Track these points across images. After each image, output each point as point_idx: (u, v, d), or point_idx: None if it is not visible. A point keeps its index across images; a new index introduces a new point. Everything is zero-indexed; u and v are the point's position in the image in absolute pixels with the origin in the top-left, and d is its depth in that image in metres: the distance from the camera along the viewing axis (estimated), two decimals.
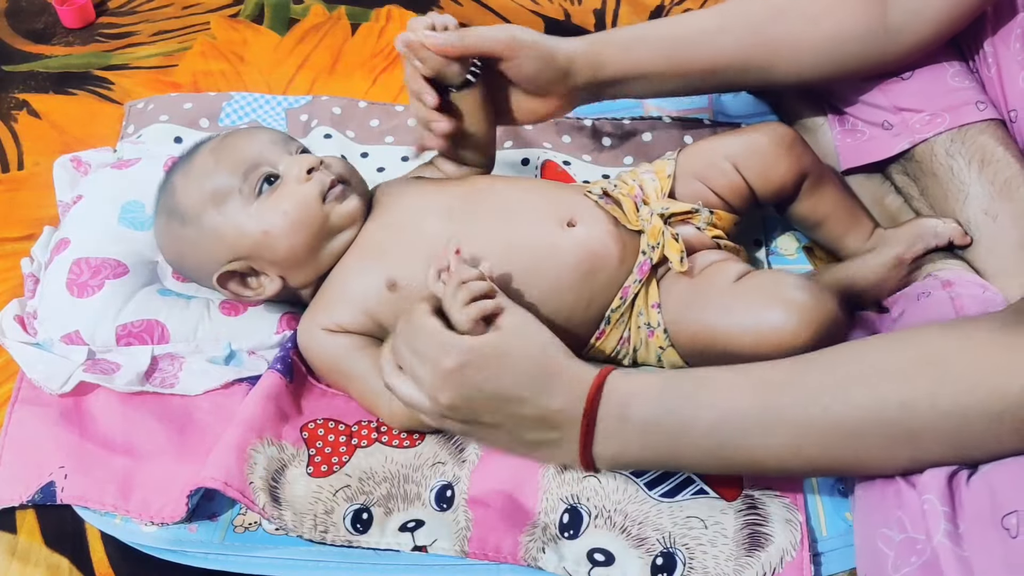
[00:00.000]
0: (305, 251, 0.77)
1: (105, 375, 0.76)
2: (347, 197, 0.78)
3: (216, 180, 0.77)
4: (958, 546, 0.56)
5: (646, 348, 0.77)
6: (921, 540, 0.59)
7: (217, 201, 0.77)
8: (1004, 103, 0.84)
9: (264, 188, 0.77)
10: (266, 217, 0.76)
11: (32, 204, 0.97)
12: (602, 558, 0.67)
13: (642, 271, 0.76)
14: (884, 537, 0.62)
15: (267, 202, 0.76)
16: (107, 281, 0.81)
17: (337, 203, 0.77)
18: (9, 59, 1.14)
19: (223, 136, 0.81)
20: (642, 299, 0.76)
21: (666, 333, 0.76)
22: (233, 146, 0.79)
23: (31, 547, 0.71)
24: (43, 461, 0.73)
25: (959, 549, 0.56)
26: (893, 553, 0.61)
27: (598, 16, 1.22)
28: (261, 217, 0.76)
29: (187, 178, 0.79)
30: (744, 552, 0.67)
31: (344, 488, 0.71)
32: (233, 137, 0.81)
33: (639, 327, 0.77)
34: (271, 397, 0.74)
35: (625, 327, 0.77)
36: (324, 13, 1.22)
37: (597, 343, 0.78)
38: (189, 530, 0.71)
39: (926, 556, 0.58)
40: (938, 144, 0.84)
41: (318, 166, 0.77)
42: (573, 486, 0.70)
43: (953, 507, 0.58)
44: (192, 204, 0.78)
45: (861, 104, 0.90)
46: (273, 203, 0.76)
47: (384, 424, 0.75)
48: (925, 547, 0.58)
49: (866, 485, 0.66)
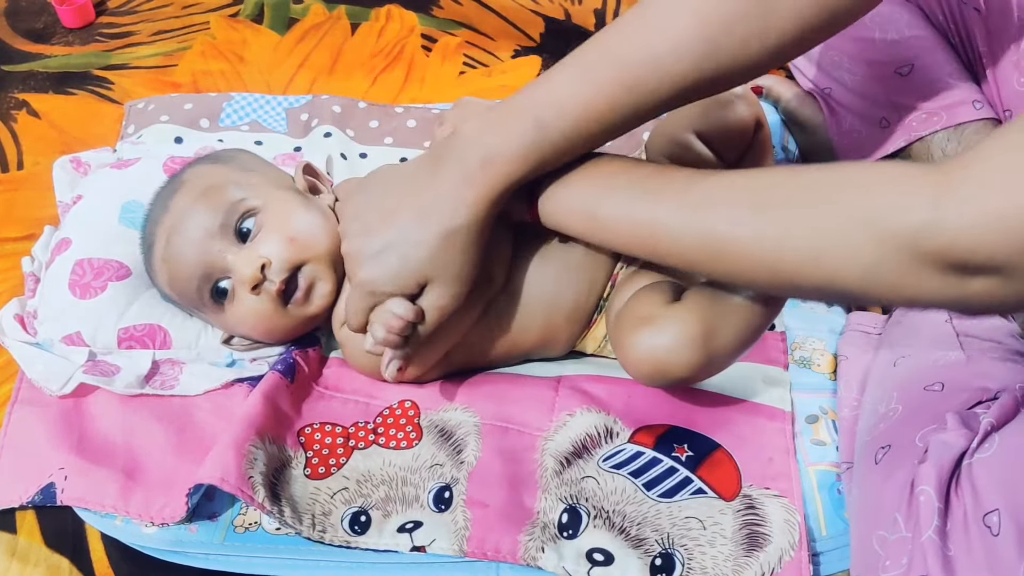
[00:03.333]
0: (293, 335, 0.79)
1: (105, 377, 0.76)
2: (311, 296, 0.75)
3: (180, 294, 0.77)
4: (944, 544, 0.57)
5: None
6: (910, 539, 0.59)
7: (194, 307, 0.78)
8: (999, 103, 0.84)
9: (220, 299, 0.76)
10: (239, 328, 0.78)
11: (32, 204, 0.97)
12: (601, 558, 0.67)
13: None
14: (880, 538, 0.62)
15: (232, 314, 0.76)
16: (110, 283, 0.81)
17: (300, 305, 0.75)
18: (9, 59, 1.14)
19: (162, 225, 0.76)
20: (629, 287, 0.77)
21: None
22: (178, 254, 0.75)
23: (31, 547, 0.72)
24: (43, 462, 0.73)
25: (945, 547, 0.56)
26: (885, 554, 0.61)
27: (598, 16, 1.22)
28: (236, 327, 0.78)
29: (156, 277, 0.79)
30: (743, 552, 0.67)
31: (342, 491, 0.71)
32: (175, 236, 0.75)
33: None
34: (272, 397, 0.74)
35: None
36: (324, 13, 1.22)
37: (588, 333, 0.79)
38: (189, 530, 0.71)
39: (912, 555, 0.58)
40: (934, 143, 0.85)
41: (260, 280, 0.73)
42: (572, 486, 0.70)
43: (946, 503, 0.59)
44: (175, 300, 0.79)
45: (859, 99, 0.90)
46: (238, 317, 0.76)
47: (381, 426, 0.75)
48: (914, 545, 0.58)
49: (864, 487, 0.66)
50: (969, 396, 0.67)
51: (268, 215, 0.75)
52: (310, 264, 0.74)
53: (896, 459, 0.65)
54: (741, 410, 0.77)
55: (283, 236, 0.74)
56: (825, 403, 0.79)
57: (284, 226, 0.74)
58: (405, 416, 0.76)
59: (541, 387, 0.78)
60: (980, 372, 0.69)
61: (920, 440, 0.64)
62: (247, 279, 0.72)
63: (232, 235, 0.74)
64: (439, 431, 0.75)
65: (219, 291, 0.75)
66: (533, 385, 0.78)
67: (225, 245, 0.74)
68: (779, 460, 0.73)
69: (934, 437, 0.63)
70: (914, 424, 0.66)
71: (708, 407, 0.77)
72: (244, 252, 0.74)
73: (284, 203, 0.76)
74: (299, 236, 0.74)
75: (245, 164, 0.81)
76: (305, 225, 0.75)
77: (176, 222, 0.75)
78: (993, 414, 0.62)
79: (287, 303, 0.75)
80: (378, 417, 0.76)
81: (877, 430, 0.69)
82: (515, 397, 0.77)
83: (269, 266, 0.73)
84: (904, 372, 0.73)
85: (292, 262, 0.74)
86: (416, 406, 0.77)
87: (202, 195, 0.75)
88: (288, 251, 0.73)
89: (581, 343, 0.81)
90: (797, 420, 0.77)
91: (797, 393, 0.80)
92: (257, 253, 0.73)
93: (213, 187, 0.76)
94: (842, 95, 0.91)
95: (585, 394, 0.77)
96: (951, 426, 0.63)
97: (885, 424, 0.69)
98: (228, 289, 0.75)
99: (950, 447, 0.61)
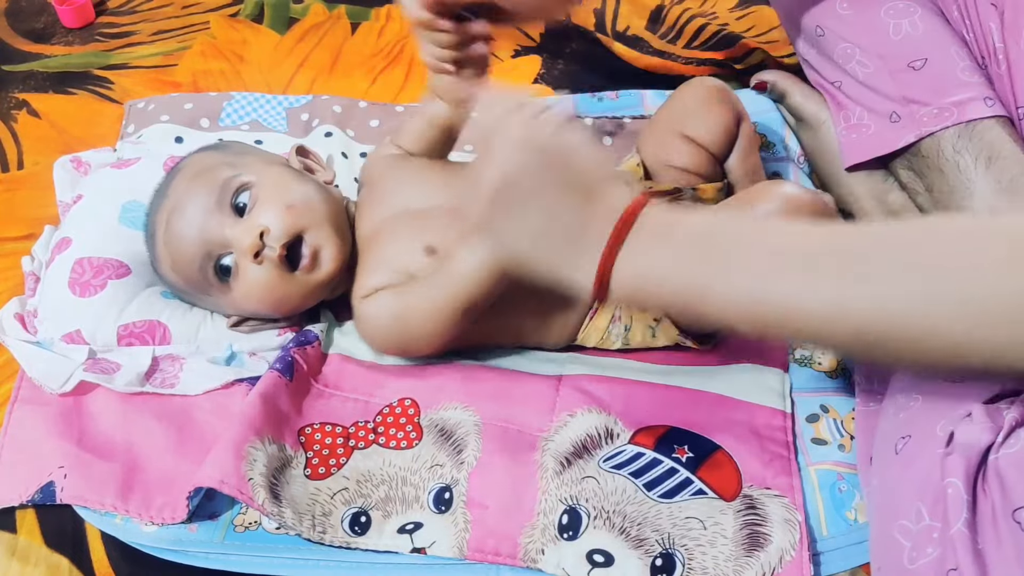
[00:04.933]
0: (303, 305, 0.80)
1: (105, 375, 0.76)
2: (318, 261, 0.75)
3: (186, 279, 0.78)
4: (975, 537, 0.56)
5: (638, 324, 0.78)
6: (938, 528, 0.58)
7: (201, 291, 0.79)
8: (1013, 100, 0.84)
9: (226, 277, 0.76)
10: (248, 304, 0.78)
11: (32, 204, 0.97)
12: (601, 559, 0.67)
13: None
14: (902, 528, 0.61)
15: (239, 290, 0.76)
16: (109, 281, 0.81)
17: (309, 272, 0.76)
18: (9, 59, 1.14)
19: (162, 211, 0.77)
20: None
21: None
22: (178, 235, 0.76)
23: (31, 547, 0.71)
24: (43, 461, 0.73)
25: (975, 540, 0.56)
26: (910, 544, 0.60)
27: (598, 16, 1.22)
28: (244, 303, 0.78)
29: (161, 266, 0.79)
30: (743, 552, 0.67)
31: (342, 491, 0.71)
32: (173, 217, 0.76)
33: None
34: (271, 397, 0.74)
35: (616, 305, 0.78)
36: (324, 12, 1.22)
37: (590, 323, 0.79)
38: (189, 530, 0.71)
39: (943, 546, 0.58)
40: (945, 139, 0.84)
41: (260, 247, 0.73)
42: (572, 487, 0.70)
43: (974, 495, 0.58)
44: (182, 288, 0.80)
45: (870, 93, 0.89)
46: (244, 292, 0.76)
47: (381, 425, 0.75)
48: (943, 536, 0.58)
49: (885, 477, 0.66)
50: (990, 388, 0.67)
51: (262, 188, 0.76)
52: (311, 231, 0.75)
53: (916, 449, 0.64)
54: (741, 411, 0.77)
55: (280, 205, 0.75)
56: (826, 401, 0.79)
57: (280, 196, 0.76)
58: (405, 415, 0.76)
59: (542, 386, 0.78)
60: None
61: (941, 430, 0.64)
62: (247, 248, 0.73)
63: (228, 210, 0.75)
64: (439, 430, 0.75)
65: (223, 269, 0.76)
66: (534, 384, 0.78)
67: (222, 220, 0.75)
68: (779, 460, 0.73)
69: (960, 428, 0.62)
70: (935, 414, 0.65)
71: (708, 408, 0.77)
72: (242, 224, 0.75)
73: (278, 175, 0.78)
74: (296, 203, 0.75)
75: (239, 149, 0.83)
76: (300, 194, 0.76)
77: (174, 205, 0.76)
78: (1016, 410, 0.62)
79: (294, 269, 0.75)
80: (378, 416, 0.76)
81: (897, 419, 0.69)
82: (516, 396, 0.77)
83: (268, 233, 0.74)
84: None
85: (291, 229, 0.75)
86: (416, 404, 0.77)
87: (196, 176, 0.77)
88: (286, 218, 0.75)
89: (583, 335, 0.81)
90: (798, 419, 0.78)
91: (798, 392, 0.80)
92: (255, 223, 0.74)
93: (207, 168, 0.77)
94: (852, 88, 0.91)
95: (586, 394, 0.77)
96: (977, 418, 0.62)
97: (905, 414, 0.68)
98: (231, 266, 0.76)
99: (977, 439, 0.60)
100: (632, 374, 0.80)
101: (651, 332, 0.79)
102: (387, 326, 0.76)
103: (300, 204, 0.76)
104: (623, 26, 1.21)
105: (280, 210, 0.75)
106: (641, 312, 0.69)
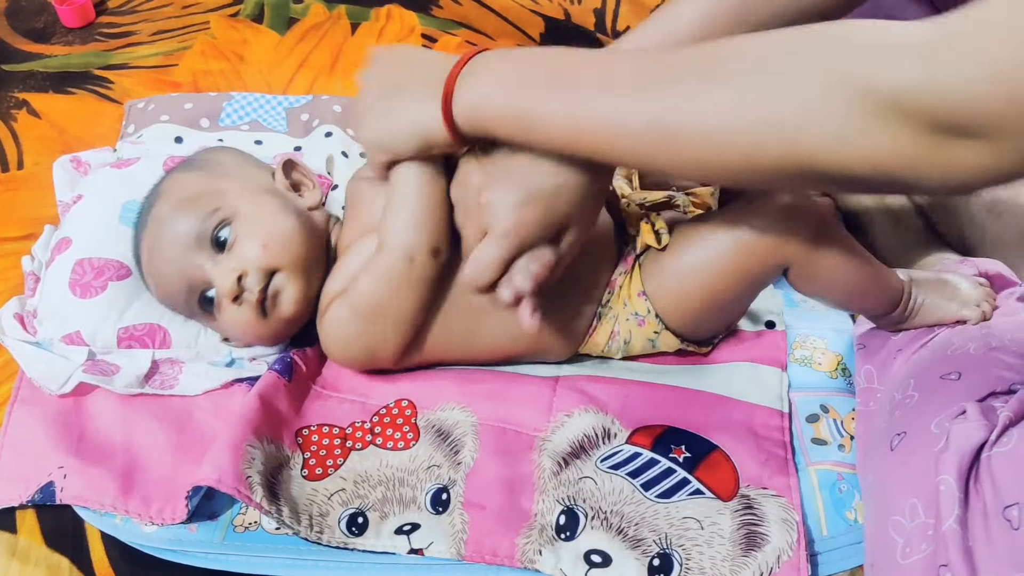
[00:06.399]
0: (283, 337, 0.81)
1: (104, 376, 0.76)
2: (277, 302, 0.75)
3: (173, 305, 0.79)
4: (965, 534, 0.56)
5: (638, 337, 0.78)
6: (932, 525, 0.59)
7: (189, 316, 0.80)
8: None
9: (209, 307, 0.77)
10: (231, 335, 0.80)
11: (32, 204, 0.97)
12: (599, 559, 0.67)
13: (626, 263, 0.77)
14: (896, 524, 0.62)
15: (223, 321, 0.77)
16: (110, 283, 0.81)
17: (274, 310, 0.76)
18: (9, 58, 1.14)
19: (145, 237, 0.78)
20: (626, 289, 0.77)
21: (658, 318, 0.76)
22: (160, 270, 0.77)
23: (31, 547, 0.72)
24: (42, 461, 0.73)
25: (966, 537, 0.56)
26: (903, 540, 0.60)
27: (598, 16, 1.22)
28: (228, 331, 0.79)
29: (149, 288, 0.80)
30: (741, 552, 0.67)
31: (339, 491, 0.71)
32: (155, 253, 0.77)
33: (627, 319, 0.77)
34: (269, 397, 0.74)
35: (615, 321, 0.78)
36: (324, 12, 1.22)
37: (589, 339, 0.79)
38: (189, 530, 0.71)
39: (935, 542, 0.58)
40: None
41: (239, 292, 0.74)
42: (569, 487, 0.70)
43: (966, 493, 0.59)
44: (172, 309, 0.81)
45: None
46: (226, 326, 0.77)
47: (378, 426, 0.75)
48: (935, 533, 0.58)
49: (880, 474, 0.66)
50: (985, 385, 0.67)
51: (242, 223, 0.75)
52: (282, 271, 0.75)
53: (911, 446, 0.65)
54: (738, 411, 0.77)
55: (257, 243, 0.75)
56: (826, 401, 0.79)
57: (258, 232, 0.75)
58: (402, 416, 0.76)
59: (539, 387, 0.78)
60: (997, 363, 0.68)
61: (936, 427, 0.64)
62: (226, 292, 0.74)
63: (209, 245, 0.75)
64: (436, 431, 0.75)
65: (207, 300, 0.76)
66: (531, 385, 0.78)
67: (203, 257, 0.75)
68: (776, 460, 0.73)
69: (955, 426, 0.62)
70: (930, 411, 0.66)
71: (705, 408, 0.77)
72: (221, 263, 0.75)
73: (259, 207, 0.77)
74: (271, 242, 0.75)
75: (222, 168, 0.81)
76: (277, 231, 0.76)
77: (154, 240, 0.77)
78: (1011, 408, 0.62)
79: (265, 313, 0.76)
80: (375, 416, 0.76)
81: (893, 416, 0.69)
82: (513, 397, 0.77)
83: (247, 276, 0.74)
84: (921, 359, 0.73)
85: (266, 270, 0.75)
86: (413, 405, 0.77)
87: (176, 208, 0.76)
88: (262, 259, 0.74)
89: (584, 350, 0.81)
90: (798, 419, 0.78)
91: (798, 392, 0.80)
92: (231, 265, 0.74)
93: (187, 199, 0.76)
94: None
95: (583, 394, 0.77)
96: (971, 416, 0.62)
97: (901, 411, 0.68)
98: (215, 298, 0.76)
99: (971, 437, 0.61)
100: (629, 374, 0.80)
101: (651, 344, 0.78)
102: (347, 319, 0.74)
103: (275, 243, 0.75)
104: (623, 26, 1.21)
105: (259, 250, 0.74)
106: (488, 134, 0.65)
